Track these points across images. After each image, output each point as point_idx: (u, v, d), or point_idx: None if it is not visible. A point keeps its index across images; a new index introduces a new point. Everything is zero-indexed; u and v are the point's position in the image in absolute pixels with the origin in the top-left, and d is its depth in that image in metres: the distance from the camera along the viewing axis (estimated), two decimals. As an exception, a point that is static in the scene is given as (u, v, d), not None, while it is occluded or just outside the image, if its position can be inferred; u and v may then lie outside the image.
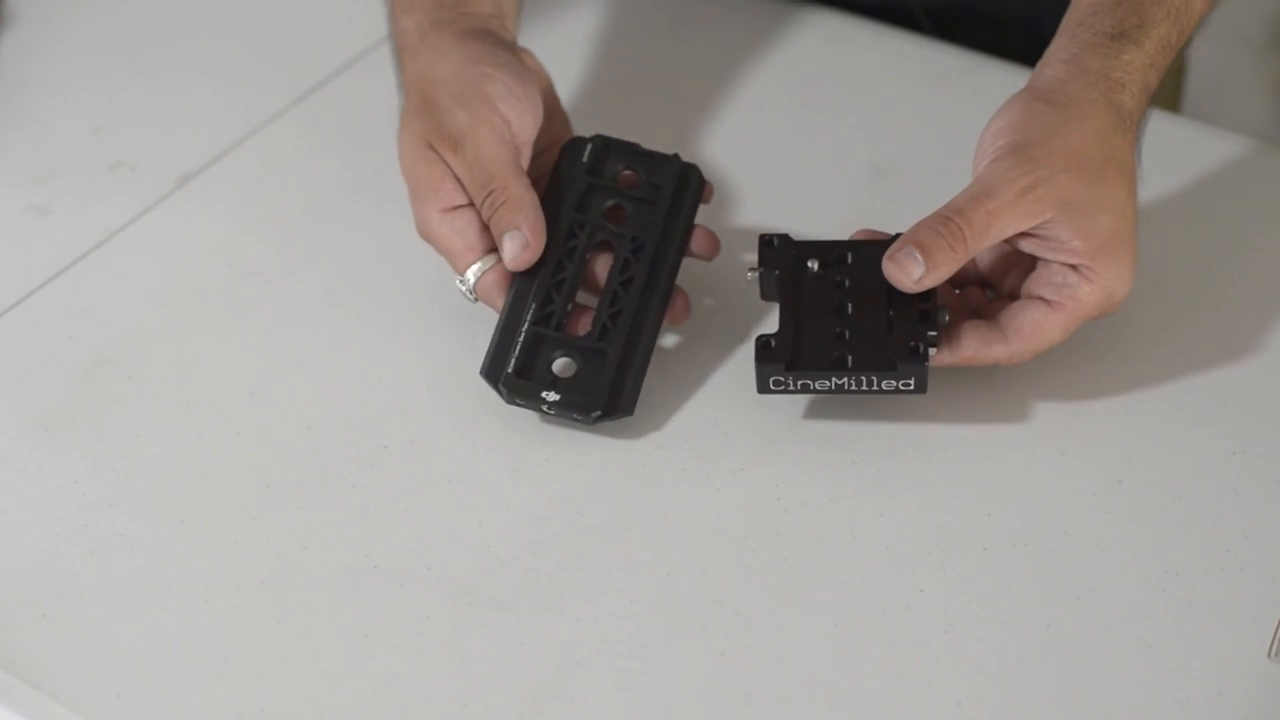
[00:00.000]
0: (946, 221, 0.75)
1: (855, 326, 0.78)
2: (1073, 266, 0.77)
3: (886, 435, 0.80)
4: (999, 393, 0.81)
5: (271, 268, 0.89)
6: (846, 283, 0.79)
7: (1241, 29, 1.97)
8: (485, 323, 0.85)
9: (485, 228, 0.81)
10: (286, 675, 0.72)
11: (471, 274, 0.81)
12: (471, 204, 0.81)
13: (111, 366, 0.84)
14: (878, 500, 0.77)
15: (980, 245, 0.76)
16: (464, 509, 0.77)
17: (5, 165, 0.96)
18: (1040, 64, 0.80)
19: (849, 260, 0.80)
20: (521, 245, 0.79)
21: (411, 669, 0.72)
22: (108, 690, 0.71)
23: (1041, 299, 0.77)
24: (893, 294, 0.77)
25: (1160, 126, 0.94)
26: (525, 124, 0.82)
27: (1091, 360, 0.83)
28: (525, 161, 0.82)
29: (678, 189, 0.83)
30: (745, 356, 0.82)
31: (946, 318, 0.78)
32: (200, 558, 0.76)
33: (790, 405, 0.81)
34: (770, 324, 0.82)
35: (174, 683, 0.71)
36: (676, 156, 0.84)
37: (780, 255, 0.80)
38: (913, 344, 0.76)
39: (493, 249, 0.81)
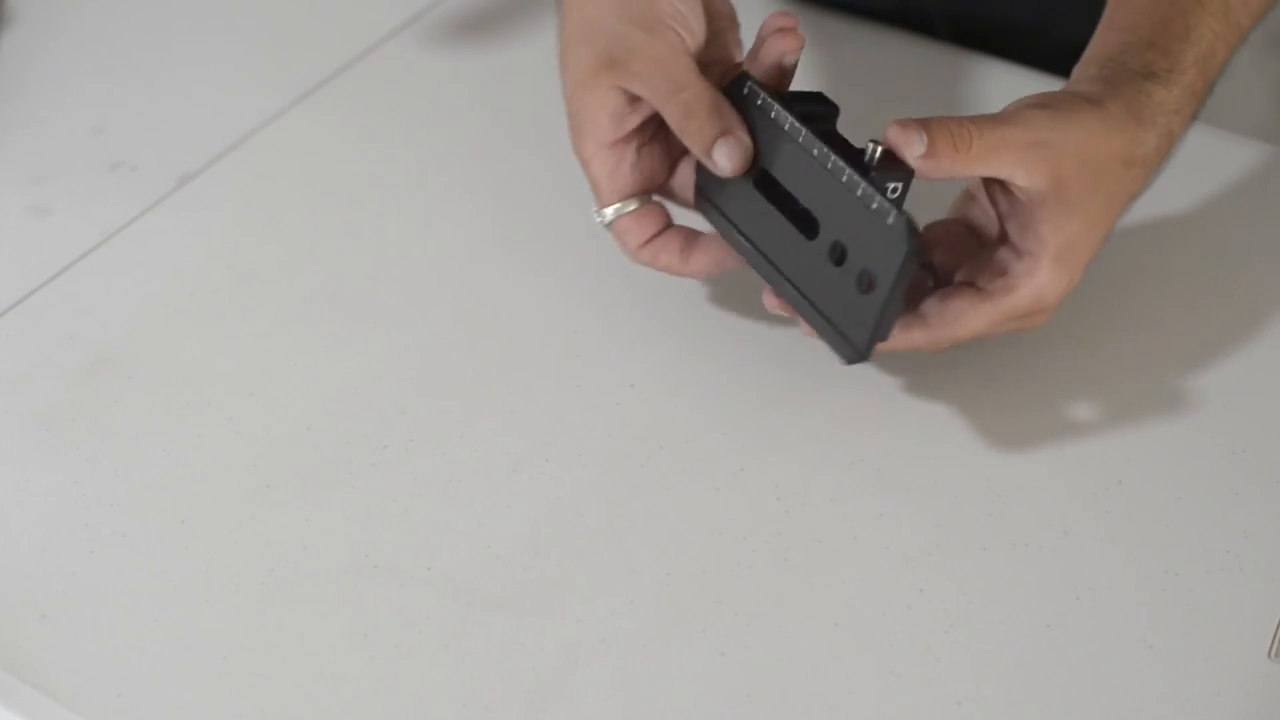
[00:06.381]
0: (961, 124, 0.73)
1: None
2: (1018, 253, 0.76)
3: (886, 435, 0.80)
4: (999, 393, 0.81)
5: (271, 268, 0.89)
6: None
7: (1241, 29, 1.97)
8: (486, 323, 0.85)
9: (636, 167, 0.79)
10: (286, 675, 0.72)
11: (610, 212, 0.80)
12: (624, 140, 0.79)
13: (111, 366, 0.84)
14: (878, 500, 0.77)
15: (977, 166, 0.74)
16: (464, 509, 0.77)
17: (5, 165, 0.96)
18: (1070, 84, 0.79)
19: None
20: (737, 145, 0.76)
21: (411, 669, 0.72)
22: (108, 690, 0.71)
23: (973, 286, 0.77)
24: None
25: (1160, 126, 0.94)
26: (697, 40, 0.79)
27: (1091, 360, 0.83)
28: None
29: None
30: (745, 356, 0.82)
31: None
32: (200, 558, 0.76)
33: (790, 405, 0.81)
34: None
35: (174, 683, 0.71)
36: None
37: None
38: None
39: (636, 193, 0.80)
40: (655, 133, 0.79)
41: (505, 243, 0.90)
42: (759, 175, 0.77)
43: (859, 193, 0.73)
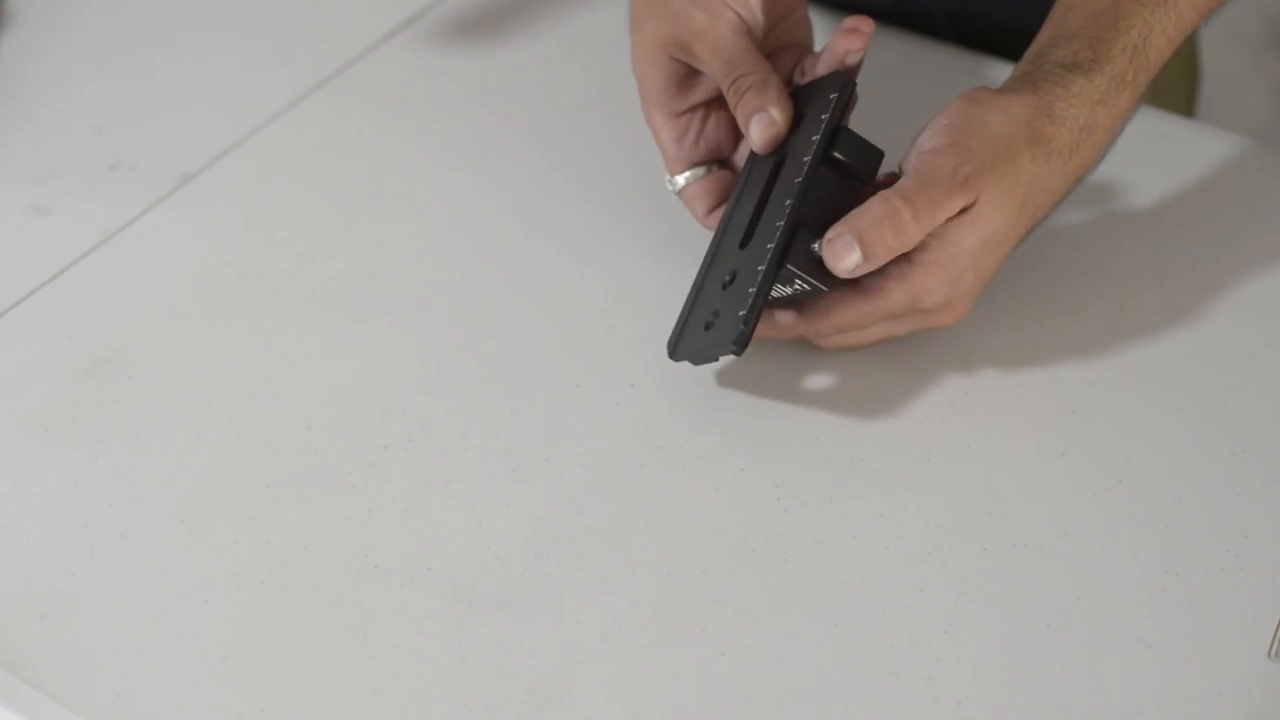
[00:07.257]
0: (894, 214, 0.75)
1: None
2: (904, 255, 0.77)
3: (886, 435, 0.80)
4: (999, 393, 0.81)
5: (271, 268, 0.89)
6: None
7: (1241, 29, 1.98)
8: (486, 323, 0.85)
9: (703, 136, 0.84)
10: (286, 675, 0.72)
11: (681, 179, 0.85)
12: (690, 110, 0.84)
13: (111, 366, 0.84)
14: (878, 500, 0.77)
15: (924, 232, 0.76)
16: (464, 509, 0.77)
17: (5, 165, 0.96)
18: (1005, 82, 0.81)
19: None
20: (768, 124, 0.80)
21: (411, 669, 0.72)
22: (108, 690, 0.71)
23: (851, 282, 0.78)
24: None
25: (1161, 127, 0.94)
26: (756, 19, 0.82)
27: (1091, 361, 0.83)
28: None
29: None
30: (745, 356, 0.82)
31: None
32: (200, 558, 0.76)
33: (790, 405, 0.81)
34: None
35: (174, 683, 0.71)
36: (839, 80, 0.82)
37: None
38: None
39: (704, 161, 0.85)
40: (722, 105, 0.84)
41: (505, 242, 0.90)
42: (775, 167, 0.80)
43: (759, 268, 0.76)
